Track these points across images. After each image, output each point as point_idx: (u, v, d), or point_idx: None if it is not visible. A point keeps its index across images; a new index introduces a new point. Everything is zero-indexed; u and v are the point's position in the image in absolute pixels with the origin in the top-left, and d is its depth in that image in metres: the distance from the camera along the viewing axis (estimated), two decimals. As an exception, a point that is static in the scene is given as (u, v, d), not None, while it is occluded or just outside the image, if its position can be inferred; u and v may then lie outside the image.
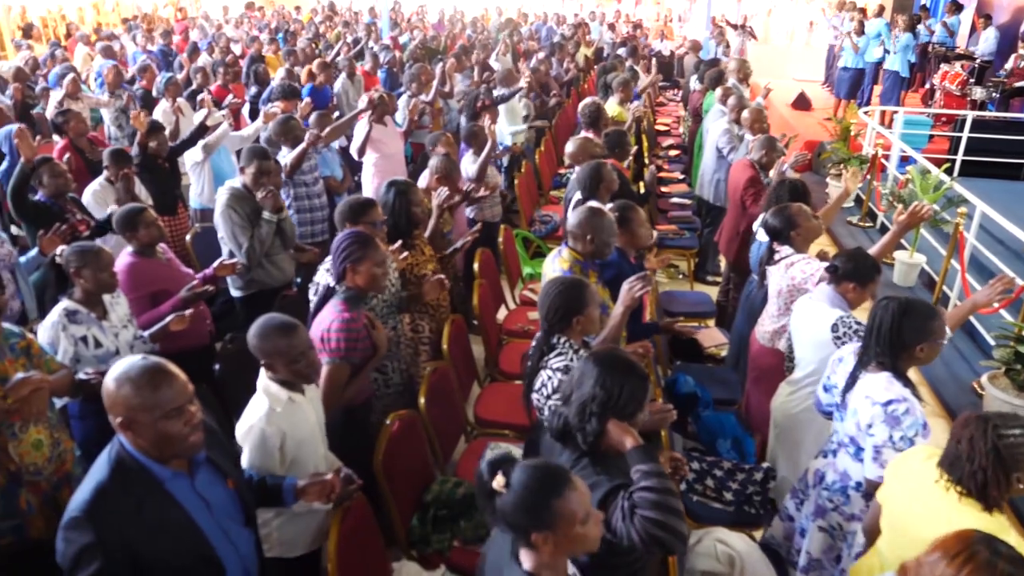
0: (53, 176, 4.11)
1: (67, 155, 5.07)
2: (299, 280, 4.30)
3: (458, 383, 3.66)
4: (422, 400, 3.20)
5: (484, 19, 16.35)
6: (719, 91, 6.87)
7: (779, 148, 4.77)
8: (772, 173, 4.60)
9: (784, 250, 3.55)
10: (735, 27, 14.09)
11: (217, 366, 3.40)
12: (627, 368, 2.08)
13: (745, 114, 5.52)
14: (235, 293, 4.14)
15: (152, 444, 1.80)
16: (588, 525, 1.67)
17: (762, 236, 3.74)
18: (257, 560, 2.08)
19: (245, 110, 7.49)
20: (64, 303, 3.00)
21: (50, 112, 6.90)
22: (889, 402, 2.37)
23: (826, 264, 3.19)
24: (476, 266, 4.46)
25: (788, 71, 14.51)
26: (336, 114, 7.49)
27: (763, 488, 3.22)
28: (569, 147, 4.91)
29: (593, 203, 3.89)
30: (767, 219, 3.62)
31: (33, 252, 3.81)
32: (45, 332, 2.94)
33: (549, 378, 2.51)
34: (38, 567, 2.40)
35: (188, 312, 3.32)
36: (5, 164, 5.03)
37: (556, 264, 3.23)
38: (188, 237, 4.92)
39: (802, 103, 11.86)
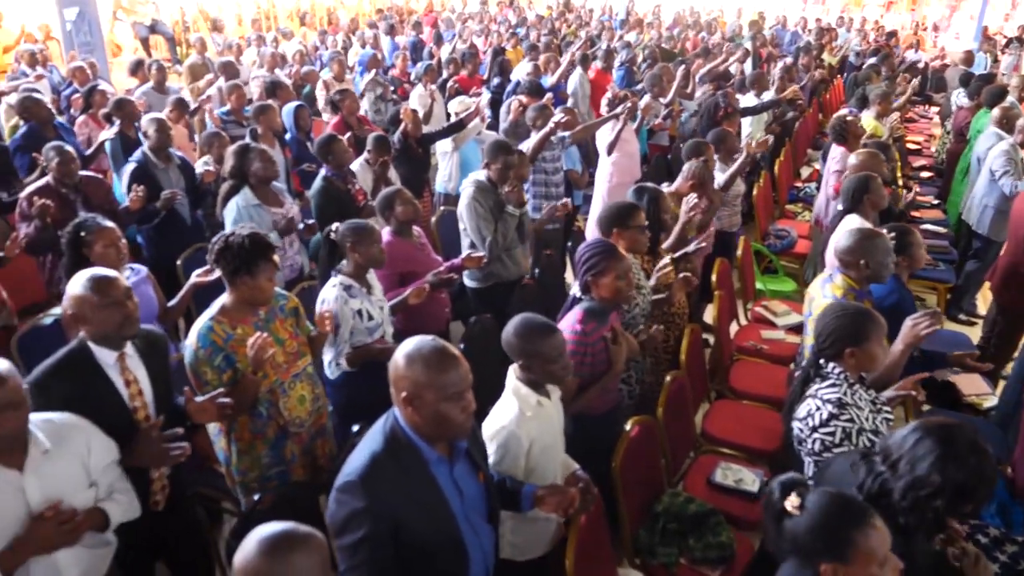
0: (340, 152, 4.47)
1: (347, 133, 5.55)
2: (537, 271, 4.38)
3: (692, 396, 3.57)
4: (660, 409, 3.15)
5: (719, 21, 15.85)
6: (997, 111, 6.13)
7: (1084, 181, 4.16)
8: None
9: None
10: (1010, 41, 12.57)
11: (462, 345, 3.54)
12: (977, 455, 1.82)
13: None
14: (470, 284, 4.22)
15: (428, 423, 1.84)
16: (884, 571, 1.54)
17: None
18: (494, 557, 2.10)
19: (485, 100, 7.81)
20: (339, 278, 3.16)
21: (320, 91, 7.60)
22: None
23: None
24: (714, 277, 4.32)
25: (1070, 91, 12.69)
26: (571, 102, 7.66)
27: (1038, 566, 2.83)
28: (852, 159, 4.58)
29: (863, 224, 3.64)
30: None
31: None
32: (328, 307, 3.10)
33: (818, 409, 2.35)
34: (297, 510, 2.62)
35: (426, 285, 3.42)
36: (288, 137, 5.61)
37: (827, 290, 3.02)
38: (433, 220, 5.20)
39: (1087, 129, 10.29)
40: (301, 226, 4.21)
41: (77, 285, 2.34)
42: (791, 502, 1.61)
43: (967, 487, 1.80)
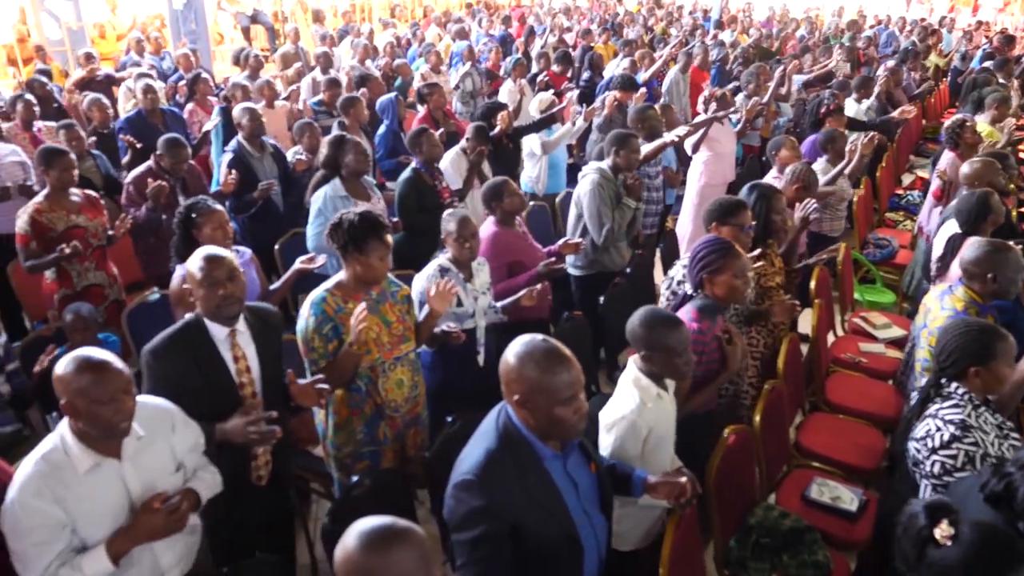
0: (431, 145, 4.48)
1: (439, 131, 5.57)
2: (628, 270, 4.31)
3: (787, 407, 3.44)
4: (757, 418, 3.05)
5: (818, 19, 15.29)
6: None
7: None
8: None
9: None
10: None
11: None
12: None
13: None
14: (573, 272, 4.24)
15: (542, 424, 1.84)
16: None
17: None
18: (607, 547, 2.08)
19: (575, 94, 7.73)
20: (440, 259, 3.29)
21: (417, 82, 7.67)
22: None
23: None
24: (813, 284, 4.15)
25: None
26: (664, 99, 7.52)
27: None
28: (965, 168, 4.32)
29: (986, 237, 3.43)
30: None
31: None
32: (419, 282, 3.24)
33: (939, 429, 2.21)
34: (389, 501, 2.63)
35: (538, 288, 3.45)
36: (383, 128, 5.68)
37: (947, 302, 2.86)
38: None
39: None
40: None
41: (190, 261, 2.45)
42: (943, 531, 1.52)
43: None
